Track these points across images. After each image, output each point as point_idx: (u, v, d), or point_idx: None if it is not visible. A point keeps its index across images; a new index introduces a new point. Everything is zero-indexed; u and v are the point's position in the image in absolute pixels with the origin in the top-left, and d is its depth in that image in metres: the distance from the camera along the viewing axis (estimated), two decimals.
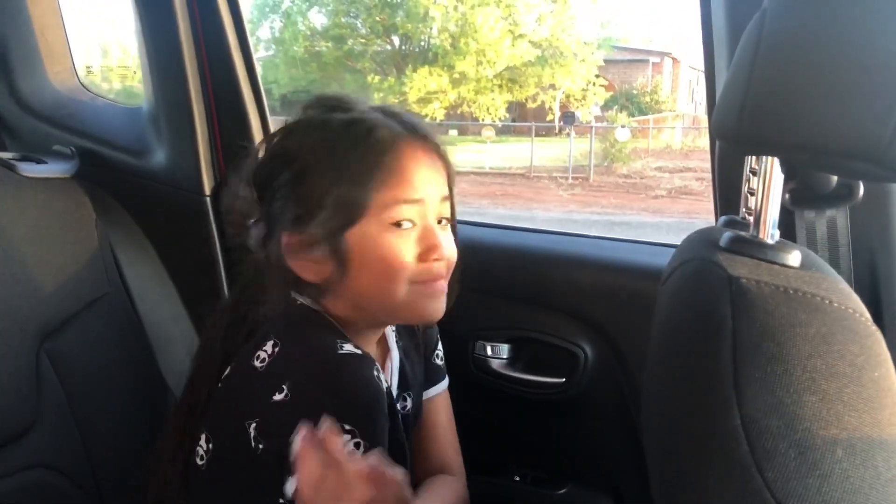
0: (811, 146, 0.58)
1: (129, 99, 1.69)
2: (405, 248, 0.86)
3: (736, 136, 0.64)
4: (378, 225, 0.85)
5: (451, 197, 0.92)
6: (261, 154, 0.95)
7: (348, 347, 0.85)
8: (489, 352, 1.30)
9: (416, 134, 0.89)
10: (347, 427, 0.77)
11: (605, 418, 1.27)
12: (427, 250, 0.87)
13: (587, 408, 1.27)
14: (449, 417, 1.09)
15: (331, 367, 0.83)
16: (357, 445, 0.76)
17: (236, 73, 1.40)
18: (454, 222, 0.95)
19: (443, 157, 0.91)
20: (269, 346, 0.86)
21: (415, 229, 0.87)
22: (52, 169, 1.28)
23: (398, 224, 0.85)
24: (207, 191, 1.41)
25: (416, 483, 1.00)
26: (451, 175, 0.93)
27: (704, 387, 0.53)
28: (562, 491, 1.31)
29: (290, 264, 0.89)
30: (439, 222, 0.90)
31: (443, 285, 0.90)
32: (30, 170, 1.21)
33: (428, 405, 1.07)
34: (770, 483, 0.48)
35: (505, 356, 1.30)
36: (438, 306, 0.90)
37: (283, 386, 0.80)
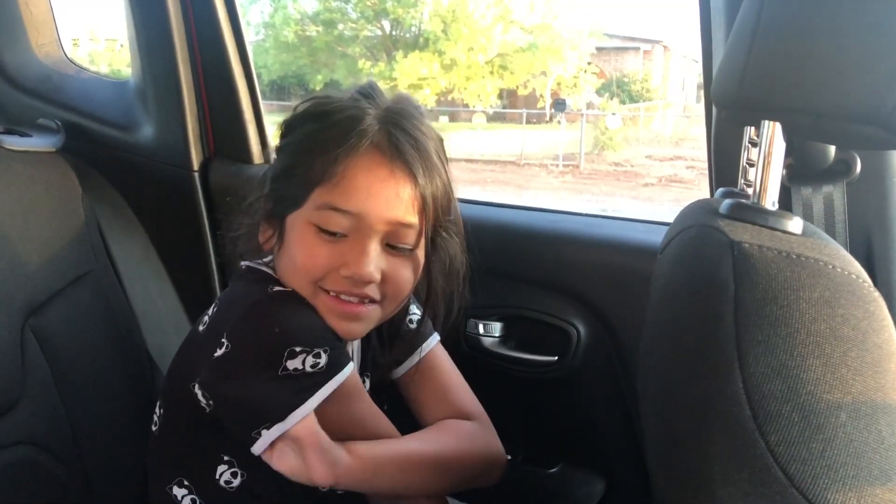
0: (814, 110, 0.57)
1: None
2: (321, 253, 0.84)
3: (737, 102, 0.63)
4: (307, 220, 0.84)
5: (423, 228, 0.87)
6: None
7: (279, 288, 0.87)
8: (481, 330, 1.29)
9: (392, 152, 0.84)
10: (298, 349, 0.79)
11: (597, 397, 1.26)
12: (345, 264, 0.83)
13: (579, 386, 1.26)
14: (450, 369, 1.05)
15: (262, 307, 0.85)
16: (315, 365, 0.80)
17: (226, 47, 1.38)
18: (422, 254, 0.90)
19: (416, 184, 0.84)
20: (210, 309, 0.90)
21: (345, 240, 0.84)
22: (37, 142, 1.26)
23: (325, 229, 0.84)
24: (196, 166, 1.40)
25: None
26: (429, 204, 0.86)
27: (706, 351, 0.52)
28: (553, 470, 1.30)
29: (261, 224, 0.93)
30: (393, 247, 0.86)
31: (356, 311, 0.86)
32: (14, 143, 1.19)
33: (423, 365, 1.04)
34: (772, 447, 0.47)
35: (497, 334, 1.29)
36: (348, 328, 0.87)
37: (222, 340, 0.82)
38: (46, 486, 1.06)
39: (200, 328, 0.89)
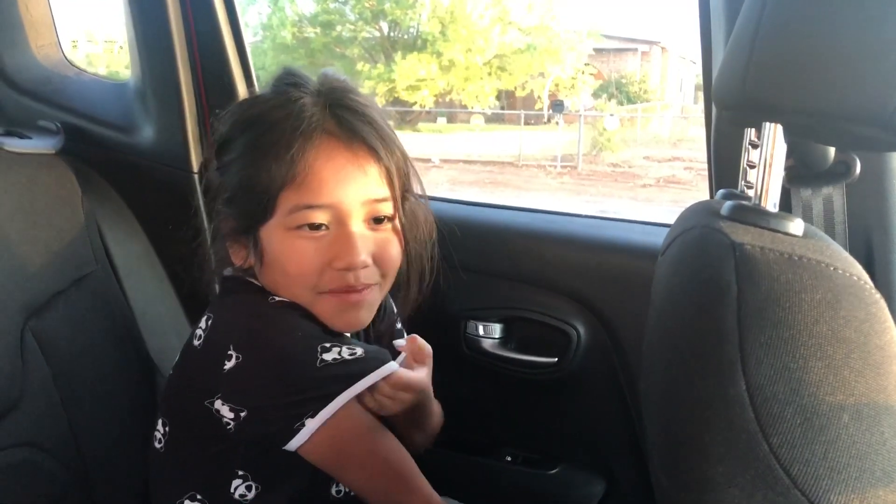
0: (816, 111, 0.57)
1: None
2: (309, 254, 0.82)
3: (739, 103, 0.63)
4: (284, 226, 0.82)
5: (395, 197, 0.85)
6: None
7: (280, 298, 0.85)
8: (481, 331, 1.29)
9: (346, 133, 0.82)
10: (328, 344, 0.79)
11: (597, 398, 1.26)
12: (335, 257, 0.82)
13: (580, 388, 1.26)
14: None
15: (268, 316, 0.83)
16: (353, 353, 0.80)
17: (225, 49, 1.38)
18: (402, 220, 0.89)
19: (378, 158, 0.83)
20: (203, 323, 0.87)
21: (328, 232, 0.82)
22: (37, 144, 1.25)
23: (308, 226, 0.82)
24: (195, 167, 1.39)
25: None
26: (395, 174, 0.85)
27: (708, 352, 0.52)
28: (553, 471, 1.30)
29: (227, 245, 0.90)
30: (379, 221, 0.85)
31: (358, 298, 0.84)
32: (14, 145, 1.18)
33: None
34: (775, 449, 0.47)
35: (497, 336, 1.29)
36: (355, 318, 0.86)
37: (230, 352, 0.79)
38: (47, 489, 1.06)
39: (196, 343, 0.86)
